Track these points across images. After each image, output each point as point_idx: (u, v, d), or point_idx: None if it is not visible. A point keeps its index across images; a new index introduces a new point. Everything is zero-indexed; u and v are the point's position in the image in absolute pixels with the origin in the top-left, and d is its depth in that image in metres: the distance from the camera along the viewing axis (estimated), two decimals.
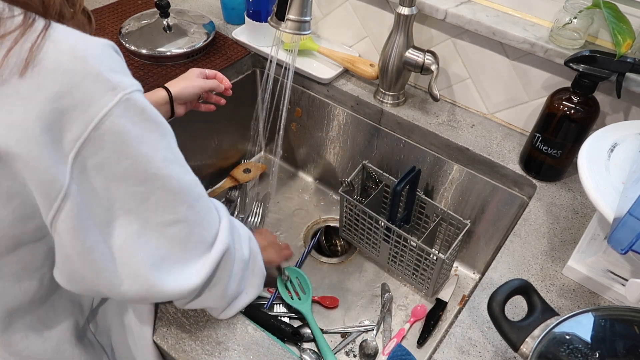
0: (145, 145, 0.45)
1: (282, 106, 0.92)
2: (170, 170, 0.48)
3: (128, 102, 0.43)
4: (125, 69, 0.46)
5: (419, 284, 0.99)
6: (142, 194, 0.46)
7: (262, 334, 0.67)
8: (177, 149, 0.50)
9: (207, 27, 1.12)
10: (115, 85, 0.43)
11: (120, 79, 0.44)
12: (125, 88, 0.44)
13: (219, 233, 0.55)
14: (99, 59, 0.43)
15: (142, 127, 0.45)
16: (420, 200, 0.99)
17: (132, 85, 0.45)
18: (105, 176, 0.44)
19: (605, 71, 0.76)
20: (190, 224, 0.51)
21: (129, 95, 0.44)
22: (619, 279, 0.70)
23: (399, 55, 0.95)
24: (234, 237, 0.58)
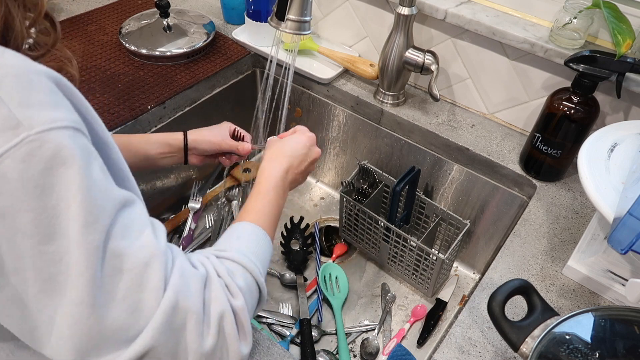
0: (53, 197, 0.37)
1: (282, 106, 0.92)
2: (80, 237, 0.38)
3: (33, 145, 0.35)
4: (52, 99, 0.38)
5: (419, 284, 0.99)
6: (53, 256, 0.37)
7: (262, 334, 0.67)
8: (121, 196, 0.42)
9: (207, 27, 1.13)
10: (20, 122, 0.35)
11: (30, 115, 0.36)
12: (32, 127, 0.35)
13: (146, 325, 0.41)
14: (9, 87, 0.36)
15: (50, 176, 0.36)
16: (419, 200, 0.99)
17: (49, 122, 0.36)
18: (5, 228, 0.36)
19: (605, 71, 0.76)
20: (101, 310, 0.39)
21: (37, 136, 0.36)
22: (619, 279, 0.70)
23: (399, 55, 0.95)
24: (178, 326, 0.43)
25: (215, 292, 0.46)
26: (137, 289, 0.41)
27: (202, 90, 1.05)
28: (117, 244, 0.40)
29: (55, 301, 0.38)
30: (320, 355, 0.90)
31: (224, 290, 0.47)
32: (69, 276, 0.38)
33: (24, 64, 0.38)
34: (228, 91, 1.11)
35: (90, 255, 0.38)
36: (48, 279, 0.38)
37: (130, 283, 0.41)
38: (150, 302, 0.41)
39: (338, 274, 1.02)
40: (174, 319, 0.42)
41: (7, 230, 0.36)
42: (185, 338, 0.43)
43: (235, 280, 0.49)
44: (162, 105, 0.97)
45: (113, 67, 1.03)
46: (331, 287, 1.00)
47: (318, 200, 1.22)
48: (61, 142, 0.37)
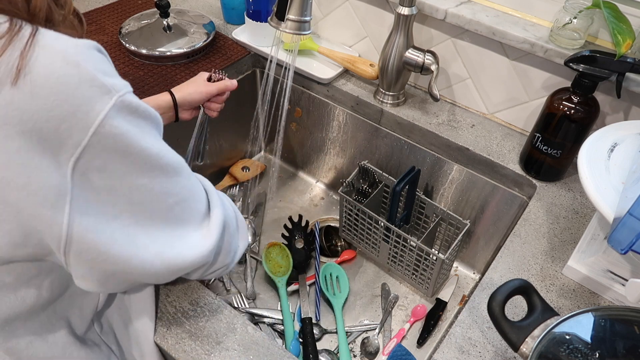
0: (143, 141, 0.46)
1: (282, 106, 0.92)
2: (167, 159, 0.49)
3: (122, 104, 0.44)
4: (113, 69, 0.46)
5: (419, 284, 0.99)
6: (146, 186, 0.48)
7: (262, 334, 0.67)
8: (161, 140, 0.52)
9: (207, 27, 1.13)
10: (110, 88, 0.43)
11: (113, 82, 0.44)
12: (119, 90, 0.44)
13: (210, 202, 0.58)
14: (91, 63, 0.43)
15: (137, 125, 0.46)
16: (419, 200, 0.99)
17: (124, 86, 0.45)
18: (108, 176, 0.45)
19: (605, 71, 0.76)
20: (188, 202, 0.53)
21: (123, 97, 0.44)
22: (619, 279, 0.70)
23: (399, 55, 0.95)
24: (222, 201, 0.60)
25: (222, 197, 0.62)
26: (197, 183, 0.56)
27: None
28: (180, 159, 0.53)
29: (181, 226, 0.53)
30: (322, 355, 0.90)
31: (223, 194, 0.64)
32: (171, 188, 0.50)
33: (88, 43, 0.44)
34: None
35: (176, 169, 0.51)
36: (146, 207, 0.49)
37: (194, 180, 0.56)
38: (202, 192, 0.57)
39: (339, 274, 1.02)
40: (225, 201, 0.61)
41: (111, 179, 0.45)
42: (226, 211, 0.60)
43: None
44: None
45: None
46: (332, 287, 1.00)
47: (318, 200, 1.22)
48: (137, 101, 0.46)
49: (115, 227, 0.47)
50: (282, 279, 0.99)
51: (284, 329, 0.93)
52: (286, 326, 0.93)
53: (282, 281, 0.99)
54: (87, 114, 0.41)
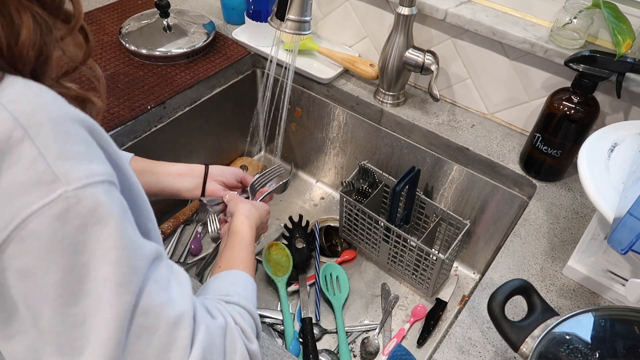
0: (84, 256, 0.35)
1: (282, 106, 0.92)
2: (113, 298, 0.36)
3: (69, 201, 0.34)
4: (90, 152, 0.36)
5: (419, 284, 0.99)
6: (75, 319, 0.36)
7: (262, 334, 0.67)
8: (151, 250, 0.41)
9: (207, 27, 1.13)
10: (57, 177, 0.33)
11: (67, 169, 0.34)
12: (70, 182, 0.34)
13: None
14: (47, 137, 0.34)
15: (84, 233, 0.35)
16: (419, 200, 0.99)
17: (86, 176, 0.35)
18: (28, 287, 0.35)
19: (605, 71, 0.76)
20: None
21: (75, 192, 0.34)
22: (619, 279, 0.70)
23: (399, 55, 0.95)
24: None
25: (237, 342, 0.47)
26: (165, 349, 0.40)
27: (202, 90, 1.05)
28: (147, 302, 0.38)
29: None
30: (322, 355, 0.90)
31: (242, 338, 0.48)
32: (91, 339, 0.36)
33: (61, 109, 0.36)
34: (228, 91, 1.11)
35: (121, 317, 0.37)
36: (67, 342, 0.36)
37: (158, 343, 0.39)
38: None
39: (339, 274, 1.02)
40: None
41: (29, 291, 0.35)
42: None
43: (247, 324, 0.50)
44: (162, 105, 0.97)
45: (113, 67, 1.03)
46: (332, 287, 1.00)
47: (318, 200, 1.22)
48: (98, 198, 0.35)
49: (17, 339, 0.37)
50: (282, 279, 0.99)
51: (284, 329, 0.93)
52: (286, 326, 0.93)
53: (282, 281, 0.99)
54: (13, 200, 0.33)
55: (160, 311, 0.39)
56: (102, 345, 0.36)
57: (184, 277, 0.45)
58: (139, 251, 0.39)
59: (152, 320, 0.39)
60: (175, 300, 0.41)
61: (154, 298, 0.39)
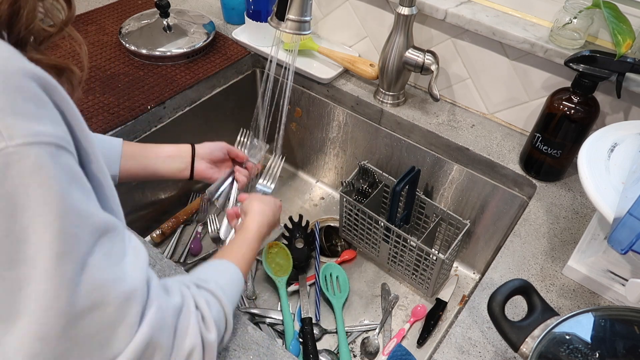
0: (24, 218, 0.34)
1: (282, 106, 0.92)
2: (53, 269, 0.35)
3: (10, 158, 0.32)
4: (40, 109, 0.35)
5: (419, 284, 0.99)
6: (11, 283, 0.35)
7: (262, 334, 0.67)
8: (102, 221, 0.39)
9: (207, 27, 1.13)
10: (2, 129, 0.32)
11: (12, 124, 0.33)
12: (12, 138, 0.32)
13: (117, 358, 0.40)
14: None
15: (25, 194, 0.33)
16: (419, 200, 0.99)
17: (32, 134, 0.33)
18: None
19: (605, 71, 0.76)
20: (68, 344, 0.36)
21: (17, 148, 0.33)
22: (619, 279, 0.70)
23: (399, 55, 0.95)
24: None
25: (190, 326, 0.46)
26: (112, 325, 0.39)
27: (202, 90, 1.05)
28: (95, 275, 0.37)
29: (8, 331, 0.35)
30: (322, 355, 0.90)
31: (199, 324, 0.47)
32: (27, 308, 0.34)
33: (15, 65, 0.34)
34: (228, 91, 1.11)
35: (62, 287, 0.35)
36: (2, 306, 0.35)
37: (107, 319, 0.38)
38: (123, 338, 0.39)
39: (339, 274, 1.02)
40: (143, 355, 0.41)
41: None
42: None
43: (212, 313, 0.49)
44: (162, 105, 0.97)
45: (113, 67, 1.03)
46: (332, 287, 1.00)
47: (318, 200, 1.22)
48: (41, 159, 0.34)
49: None
50: (282, 279, 0.99)
51: (284, 329, 0.93)
52: (286, 326, 0.93)
53: (282, 281, 0.99)
54: None
55: (110, 286, 0.38)
56: (40, 315, 0.35)
57: (141, 253, 0.44)
58: (86, 220, 0.37)
59: (102, 296, 0.38)
60: (127, 276, 0.40)
61: (103, 273, 0.38)
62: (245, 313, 0.95)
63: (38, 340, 0.35)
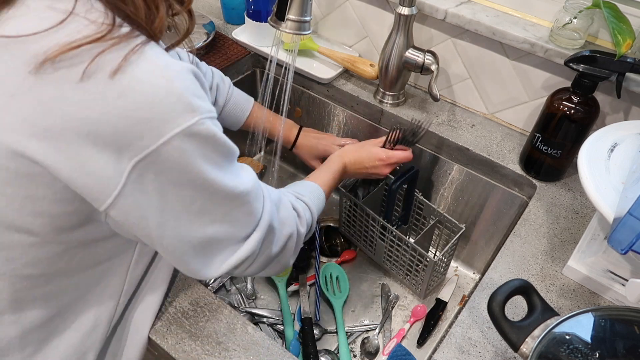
0: (206, 167, 0.48)
1: (282, 106, 0.92)
2: (224, 186, 0.50)
3: (202, 126, 0.46)
4: (204, 94, 0.48)
5: (412, 284, 0.99)
6: (190, 198, 0.49)
7: (262, 334, 0.67)
8: (234, 151, 0.54)
9: (207, 27, 1.13)
10: (196, 108, 0.45)
11: (200, 104, 0.46)
12: (203, 112, 0.46)
13: (251, 235, 0.57)
14: (185, 83, 0.45)
15: (206, 156, 0.48)
16: (418, 201, 0.99)
17: (209, 111, 0.47)
18: (161, 183, 0.46)
19: (605, 71, 0.76)
20: (225, 224, 0.54)
21: (205, 120, 0.46)
22: (619, 279, 0.70)
23: (399, 55, 0.95)
24: (267, 239, 0.60)
25: (290, 218, 0.64)
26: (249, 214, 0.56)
27: None
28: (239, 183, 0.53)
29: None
30: (322, 355, 0.90)
31: (296, 219, 0.66)
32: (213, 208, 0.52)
33: (184, 63, 0.47)
34: None
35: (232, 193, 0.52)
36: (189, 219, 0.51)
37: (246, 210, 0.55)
38: (254, 220, 0.57)
39: (339, 274, 1.02)
40: (266, 233, 0.58)
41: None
42: (265, 245, 0.60)
43: (305, 215, 0.68)
44: None
45: None
46: (332, 287, 1.00)
47: None
48: (215, 127, 0.48)
49: (156, 213, 0.49)
50: (282, 279, 0.99)
51: (284, 329, 0.93)
52: (286, 326, 0.93)
53: (282, 281, 0.99)
54: (165, 123, 0.44)
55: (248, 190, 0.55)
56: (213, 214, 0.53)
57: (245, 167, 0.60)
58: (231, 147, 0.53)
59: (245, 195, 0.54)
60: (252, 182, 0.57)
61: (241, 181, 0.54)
62: (245, 313, 0.95)
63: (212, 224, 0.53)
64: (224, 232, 0.54)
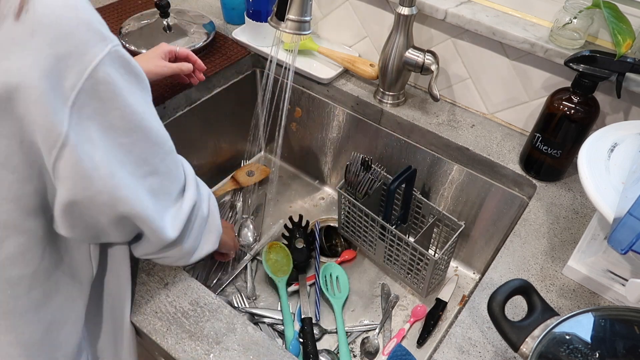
0: (130, 96, 0.47)
1: (282, 106, 0.92)
2: (151, 123, 0.50)
3: (116, 54, 0.45)
4: (105, 25, 0.47)
5: (414, 283, 0.99)
6: (128, 146, 0.49)
7: (262, 334, 0.67)
8: (152, 105, 0.53)
9: (207, 27, 1.12)
10: (106, 36, 0.45)
11: (107, 31, 0.45)
12: (113, 40, 0.45)
13: (186, 188, 0.58)
14: (88, 10, 0.44)
15: (128, 80, 0.47)
16: (416, 200, 0.99)
17: (116, 39, 0.46)
18: (98, 125, 0.46)
19: (605, 71, 0.76)
20: (160, 176, 0.54)
21: (117, 47, 0.45)
22: (619, 279, 0.70)
23: (399, 55, 0.95)
24: (198, 193, 0.61)
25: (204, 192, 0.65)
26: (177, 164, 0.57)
27: (202, 90, 1.05)
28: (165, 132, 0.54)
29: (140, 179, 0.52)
30: (322, 355, 0.90)
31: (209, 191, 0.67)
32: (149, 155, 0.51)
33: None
34: (228, 91, 1.11)
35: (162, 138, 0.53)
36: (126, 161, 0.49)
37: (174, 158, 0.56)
38: (181, 172, 0.58)
39: (339, 274, 1.02)
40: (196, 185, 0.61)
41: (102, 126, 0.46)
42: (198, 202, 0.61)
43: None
44: (162, 105, 0.97)
45: None
46: (332, 287, 1.00)
47: (318, 200, 1.22)
48: (128, 54, 0.47)
49: (104, 161, 0.47)
50: (282, 279, 0.99)
51: (284, 329, 0.93)
52: (286, 326, 0.93)
53: (282, 281, 0.99)
54: (83, 56, 0.43)
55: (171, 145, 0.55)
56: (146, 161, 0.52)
57: None
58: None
59: (171, 144, 0.55)
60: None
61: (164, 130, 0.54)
62: (245, 313, 0.95)
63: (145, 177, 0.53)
64: (166, 187, 0.55)
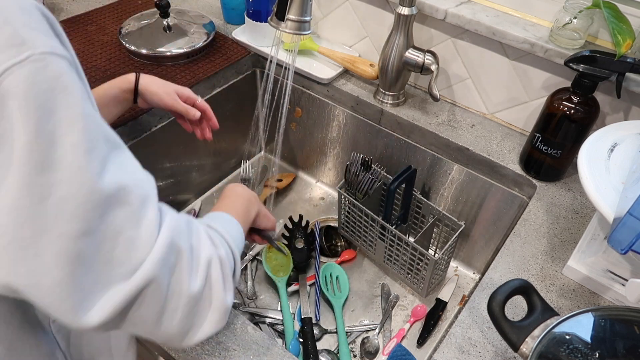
0: (52, 121, 0.35)
1: (282, 106, 0.92)
2: (82, 162, 0.36)
3: (37, 64, 0.35)
4: (49, 32, 0.38)
5: (414, 283, 0.99)
6: (41, 190, 0.35)
7: (262, 334, 0.67)
8: (111, 136, 0.40)
9: (207, 27, 1.13)
10: (25, 41, 0.35)
11: (33, 37, 0.36)
12: (36, 47, 0.35)
13: (146, 258, 0.40)
14: (11, 9, 0.36)
15: (52, 99, 0.35)
16: (416, 200, 0.99)
17: (50, 47, 0.36)
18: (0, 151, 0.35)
19: (605, 71, 0.76)
20: (99, 240, 0.38)
21: (41, 56, 0.35)
22: (619, 279, 0.70)
23: (399, 55, 0.95)
24: (172, 264, 0.43)
25: (202, 239, 0.47)
26: (135, 224, 0.40)
27: (202, 90, 1.05)
28: (116, 176, 0.39)
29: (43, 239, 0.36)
30: (322, 355, 0.90)
31: (210, 240, 0.48)
32: (60, 210, 0.36)
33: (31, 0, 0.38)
34: (228, 91, 1.11)
35: (91, 181, 0.37)
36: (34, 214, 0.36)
37: (129, 216, 0.40)
38: (147, 238, 0.41)
39: (339, 274, 1.02)
40: (169, 256, 0.42)
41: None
42: (176, 277, 0.43)
43: (222, 245, 0.50)
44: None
45: (113, 67, 1.03)
46: (332, 287, 1.00)
47: (318, 200, 1.22)
48: (62, 68, 0.37)
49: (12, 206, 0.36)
50: (282, 279, 0.99)
51: (284, 329, 0.93)
52: (286, 326, 0.93)
53: (282, 281, 0.99)
54: None
55: (130, 187, 0.40)
56: (78, 211, 0.36)
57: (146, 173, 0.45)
58: (101, 128, 0.39)
59: (124, 194, 0.39)
60: (142, 180, 0.42)
61: (122, 176, 0.40)
62: (245, 313, 0.95)
63: (70, 240, 0.37)
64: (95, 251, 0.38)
